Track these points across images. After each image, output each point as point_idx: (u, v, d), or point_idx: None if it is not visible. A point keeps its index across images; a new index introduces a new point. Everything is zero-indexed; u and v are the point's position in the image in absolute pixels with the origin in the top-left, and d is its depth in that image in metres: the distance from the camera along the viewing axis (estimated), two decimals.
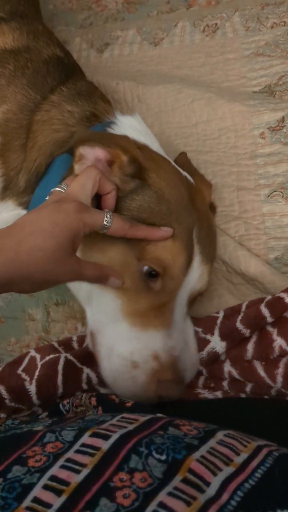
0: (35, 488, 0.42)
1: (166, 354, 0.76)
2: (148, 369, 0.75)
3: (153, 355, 0.76)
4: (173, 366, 0.76)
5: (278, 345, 0.82)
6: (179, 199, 0.82)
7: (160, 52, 1.33)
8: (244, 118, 1.14)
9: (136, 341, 0.76)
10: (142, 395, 0.75)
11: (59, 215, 0.67)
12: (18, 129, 0.91)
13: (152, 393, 0.74)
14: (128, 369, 0.75)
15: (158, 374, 0.75)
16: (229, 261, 1.00)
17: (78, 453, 0.46)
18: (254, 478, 0.43)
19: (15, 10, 1.07)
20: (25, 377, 0.85)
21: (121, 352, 0.76)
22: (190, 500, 0.40)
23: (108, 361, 0.78)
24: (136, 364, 0.75)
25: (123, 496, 0.40)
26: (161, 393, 0.75)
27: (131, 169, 0.79)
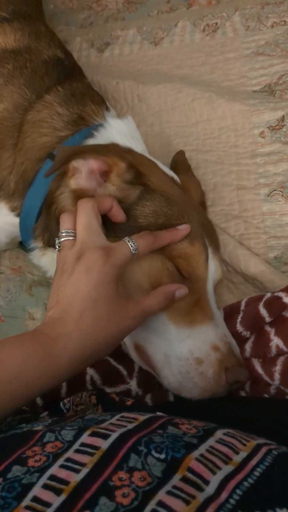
0: (35, 488, 0.42)
1: (223, 343, 0.77)
2: (213, 361, 0.75)
3: (212, 347, 0.76)
4: (232, 351, 0.77)
5: (275, 345, 0.82)
6: (182, 198, 0.82)
7: (160, 51, 1.33)
8: (244, 117, 1.14)
9: (189, 339, 0.76)
10: (215, 388, 0.75)
11: (93, 275, 0.67)
12: (12, 127, 0.91)
13: (224, 382, 0.75)
14: (194, 367, 0.75)
15: (223, 363, 0.75)
16: (229, 260, 1.00)
17: (78, 452, 0.46)
18: (253, 477, 0.43)
19: (18, 11, 1.07)
20: None
21: (180, 353, 0.76)
22: (189, 498, 0.40)
23: (168, 368, 0.77)
24: (200, 360, 0.75)
25: (122, 495, 0.41)
26: (232, 379, 0.75)
27: (130, 175, 0.78)
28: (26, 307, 1.07)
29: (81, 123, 0.92)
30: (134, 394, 0.85)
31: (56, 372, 0.63)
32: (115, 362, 0.85)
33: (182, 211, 0.80)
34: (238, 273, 1.00)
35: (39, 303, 1.07)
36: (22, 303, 1.08)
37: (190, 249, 0.77)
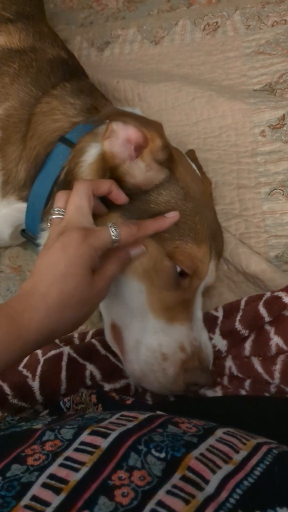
0: (34, 487, 0.42)
1: (190, 345, 0.78)
2: (176, 360, 0.76)
3: (180, 347, 0.77)
4: (197, 355, 0.78)
5: (275, 343, 0.82)
6: (202, 196, 0.83)
7: (160, 50, 1.33)
8: (244, 116, 1.14)
9: (162, 334, 0.77)
10: (171, 386, 0.77)
11: (68, 252, 0.67)
12: (19, 123, 0.91)
13: (181, 382, 0.76)
14: (158, 361, 0.76)
15: (185, 364, 0.77)
16: (230, 258, 1.00)
17: (77, 451, 0.46)
18: (253, 476, 0.43)
19: (22, 11, 1.08)
20: (26, 374, 0.85)
21: (150, 344, 0.77)
22: (189, 498, 0.40)
23: (135, 354, 0.78)
24: (165, 356, 0.76)
25: (122, 494, 0.40)
26: (189, 381, 0.76)
27: (163, 155, 0.77)
28: None
29: (94, 112, 0.93)
30: (133, 389, 0.85)
31: (22, 344, 0.63)
32: (115, 358, 0.85)
33: (196, 210, 0.80)
34: (239, 271, 1.00)
35: None
36: None
37: (196, 251, 0.78)
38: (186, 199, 0.79)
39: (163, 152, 0.77)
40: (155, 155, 0.77)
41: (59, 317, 0.66)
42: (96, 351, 0.86)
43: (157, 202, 0.78)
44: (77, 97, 0.94)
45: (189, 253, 0.77)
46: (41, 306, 0.65)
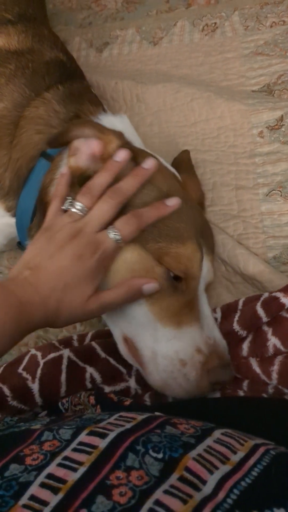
0: (32, 486, 0.42)
1: (205, 345, 0.78)
2: (196, 364, 0.76)
3: (196, 349, 0.77)
4: (215, 353, 0.78)
5: (272, 344, 0.82)
6: (176, 192, 0.82)
7: (159, 51, 1.33)
8: (243, 117, 1.14)
9: (175, 340, 0.77)
10: (196, 389, 0.77)
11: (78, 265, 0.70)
12: (10, 125, 0.92)
13: (206, 384, 0.76)
14: (178, 368, 0.76)
15: (205, 365, 0.76)
16: (228, 259, 1.00)
17: (75, 451, 0.46)
18: (250, 477, 0.43)
19: (24, 13, 1.08)
20: (26, 376, 0.84)
21: (166, 353, 0.77)
22: (186, 498, 0.40)
23: (154, 365, 0.78)
24: (184, 362, 0.76)
25: (119, 494, 0.41)
26: (212, 380, 0.76)
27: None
28: None
29: None
30: (133, 392, 0.85)
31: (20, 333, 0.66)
32: (114, 361, 0.85)
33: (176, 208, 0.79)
34: (237, 272, 1.00)
35: None
36: None
37: (182, 250, 0.77)
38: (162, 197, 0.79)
39: None
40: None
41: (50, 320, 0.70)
42: (96, 354, 0.86)
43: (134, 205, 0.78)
44: (63, 104, 0.94)
45: (174, 252, 0.76)
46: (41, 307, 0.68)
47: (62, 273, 0.69)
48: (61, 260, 0.70)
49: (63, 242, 0.71)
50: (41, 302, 0.68)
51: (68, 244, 0.71)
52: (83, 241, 0.71)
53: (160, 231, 0.77)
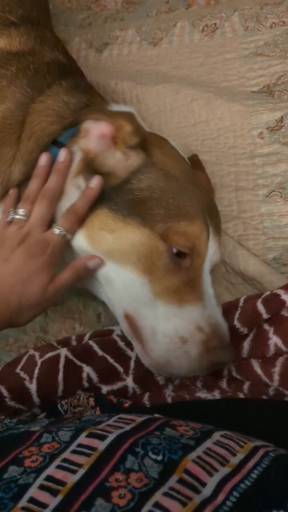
0: (31, 488, 0.42)
1: (207, 324, 0.78)
2: (197, 341, 0.77)
3: (197, 327, 0.77)
4: (216, 333, 0.78)
5: (273, 343, 0.82)
6: (185, 174, 0.83)
7: (159, 52, 1.33)
8: (243, 118, 1.14)
9: (175, 318, 0.78)
10: (197, 367, 0.78)
11: (32, 262, 0.79)
12: (14, 124, 0.91)
13: (206, 362, 0.77)
14: (178, 345, 0.77)
15: (206, 344, 0.77)
16: (228, 260, 1.00)
17: (75, 453, 0.46)
18: (250, 479, 0.43)
19: (27, 15, 1.08)
20: (24, 376, 0.85)
21: (166, 330, 0.78)
22: (186, 500, 0.40)
23: (154, 343, 0.78)
24: (184, 339, 0.77)
25: (118, 496, 0.40)
26: (213, 360, 0.77)
27: (136, 140, 0.80)
28: None
29: None
30: (131, 391, 0.85)
31: None
32: (112, 359, 0.85)
33: (181, 187, 0.81)
34: (237, 273, 1.00)
35: None
36: None
37: (190, 228, 0.79)
38: (168, 180, 0.80)
39: (134, 136, 0.80)
40: (127, 141, 0.80)
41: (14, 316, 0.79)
42: (93, 352, 0.86)
43: (140, 188, 0.80)
44: (72, 95, 0.95)
45: (183, 231, 0.78)
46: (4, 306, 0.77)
47: (18, 272, 0.78)
48: (15, 262, 0.79)
49: (14, 247, 0.80)
50: (3, 301, 0.77)
51: (19, 247, 0.80)
52: (32, 242, 0.80)
53: (169, 212, 0.78)
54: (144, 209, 0.79)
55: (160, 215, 0.78)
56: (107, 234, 0.80)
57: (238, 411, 0.72)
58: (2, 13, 1.04)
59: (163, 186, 0.80)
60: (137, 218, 0.78)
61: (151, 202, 0.79)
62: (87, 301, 1.06)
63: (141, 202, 0.79)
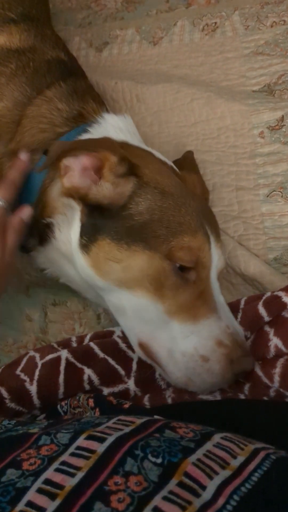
0: (29, 492, 0.42)
1: (226, 336, 0.77)
2: (219, 357, 0.76)
3: (217, 342, 0.77)
4: (236, 342, 0.77)
5: (274, 345, 0.81)
6: (178, 188, 0.82)
7: (159, 51, 1.33)
8: (243, 117, 1.14)
9: (193, 336, 0.77)
10: (221, 382, 0.77)
11: None
12: (11, 123, 0.91)
13: (230, 374, 0.76)
14: (199, 364, 0.76)
15: (229, 356, 0.76)
16: (229, 260, 0.99)
17: (73, 456, 0.46)
18: (250, 482, 0.43)
19: (27, 13, 1.08)
20: (24, 378, 0.84)
21: (185, 349, 0.77)
22: (185, 504, 0.39)
23: (174, 364, 0.78)
24: (205, 358, 0.76)
25: (118, 500, 0.40)
26: (238, 370, 0.76)
27: (123, 169, 0.78)
28: (23, 308, 1.07)
29: (80, 120, 0.93)
30: (132, 393, 0.85)
31: None
32: (113, 361, 0.85)
33: (179, 203, 0.79)
34: (238, 274, 0.99)
35: (37, 304, 1.07)
36: (19, 304, 1.08)
37: (193, 242, 0.78)
38: (164, 196, 0.79)
39: (121, 165, 0.78)
40: (115, 171, 0.78)
41: None
42: (94, 354, 0.85)
43: (139, 212, 0.78)
44: (66, 102, 0.94)
45: (187, 246, 0.77)
46: None
47: None
48: None
49: None
50: None
51: None
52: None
53: (171, 230, 0.77)
54: (147, 233, 0.77)
55: (164, 236, 0.77)
56: (115, 264, 0.78)
57: (239, 412, 0.71)
58: (2, 10, 1.05)
59: (161, 206, 0.78)
60: (141, 244, 0.77)
61: (153, 224, 0.77)
62: (87, 301, 1.05)
63: (143, 227, 0.78)
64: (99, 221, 0.80)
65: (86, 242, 0.81)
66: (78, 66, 1.10)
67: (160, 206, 0.78)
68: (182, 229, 0.78)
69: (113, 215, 0.79)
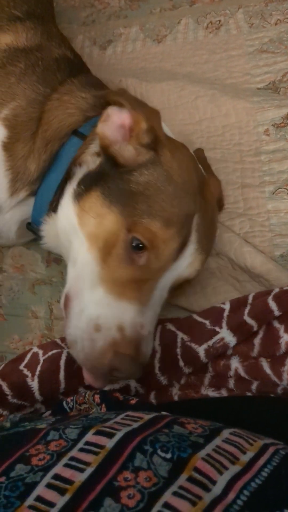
0: (38, 487, 0.41)
1: (132, 329, 0.74)
2: (108, 337, 0.73)
3: (119, 325, 0.74)
4: (135, 343, 0.74)
5: (285, 342, 0.81)
6: (187, 183, 0.82)
7: (163, 49, 1.33)
8: (248, 115, 1.14)
9: (107, 307, 0.75)
10: (96, 360, 0.73)
11: None
12: (28, 121, 0.91)
13: (107, 361, 0.72)
14: (90, 330, 0.74)
15: (117, 346, 0.73)
16: (235, 257, 0.99)
17: (82, 451, 0.45)
18: (260, 477, 0.42)
19: (32, 11, 1.08)
20: (26, 373, 0.84)
21: (90, 313, 0.75)
22: (196, 499, 0.39)
23: (75, 320, 0.76)
24: (98, 328, 0.74)
25: (127, 496, 0.40)
26: (115, 364, 0.72)
27: (147, 139, 0.80)
28: (29, 305, 1.07)
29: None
30: (133, 390, 0.85)
31: None
32: None
33: (176, 195, 0.79)
34: (244, 271, 0.99)
35: (42, 301, 1.07)
36: (25, 301, 1.08)
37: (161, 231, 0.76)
38: (167, 182, 0.79)
39: (147, 135, 0.80)
40: (140, 137, 0.80)
41: None
42: None
43: (138, 181, 0.79)
44: (88, 91, 0.95)
45: (154, 231, 0.76)
46: None
47: None
48: None
49: None
50: None
51: None
52: None
53: (151, 210, 0.77)
54: (130, 201, 0.78)
55: (141, 210, 0.77)
56: (91, 218, 0.80)
57: (247, 408, 0.71)
58: (7, 8, 1.04)
59: (159, 187, 0.79)
60: (120, 207, 0.78)
61: (140, 197, 0.78)
62: None
63: (131, 195, 0.78)
64: (105, 172, 0.82)
65: (81, 191, 0.83)
66: (84, 63, 1.10)
67: (158, 187, 0.79)
68: (160, 215, 0.77)
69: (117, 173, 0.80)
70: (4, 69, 0.94)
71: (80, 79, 0.97)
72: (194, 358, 0.84)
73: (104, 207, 0.79)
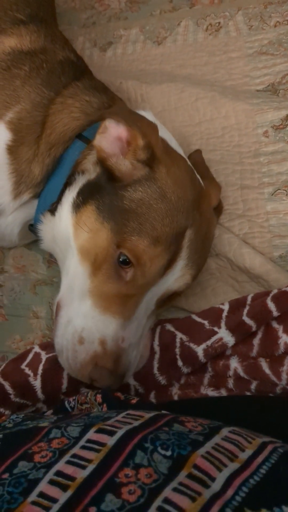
0: (41, 483, 0.42)
1: (113, 343, 0.77)
2: (90, 350, 0.77)
3: (101, 339, 0.77)
4: (115, 356, 0.77)
5: (284, 342, 0.82)
6: (181, 200, 0.82)
7: (163, 51, 1.33)
8: (247, 116, 1.14)
9: (91, 320, 0.78)
10: (77, 371, 0.78)
11: None
12: (32, 125, 0.92)
13: (86, 373, 0.77)
14: (74, 342, 0.78)
15: (98, 359, 0.76)
16: (234, 258, 1.00)
17: (84, 448, 0.46)
18: (259, 474, 0.43)
19: (35, 14, 1.08)
20: (28, 372, 0.85)
21: (76, 324, 0.79)
22: (195, 495, 0.40)
23: (62, 330, 0.80)
24: (82, 341, 0.77)
25: (128, 492, 0.41)
26: (94, 376, 0.76)
27: (143, 156, 0.80)
28: (30, 306, 1.08)
29: None
30: (133, 389, 0.86)
31: None
32: None
33: (168, 213, 0.79)
34: (243, 271, 1.00)
35: (43, 302, 1.07)
36: (26, 302, 1.08)
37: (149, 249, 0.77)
38: (161, 200, 0.79)
39: (144, 152, 0.80)
40: (136, 154, 0.80)
41: None
42: None
43: (131, 198, 0.80)
44: (92, 95, 0.96)
45: (141, 249, 0.77)
46: None
47: None
48: None
49: None
50: None
51: None
52: None
53: (141, 228, 0.78)
54: (122, 218, 0.78)
55: (132, 228, 0.78)
56: (84, 232, 0.81)
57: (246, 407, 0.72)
58: (10, 11, 1.04)
59: (151, 205, 0.79)
60: (112, 224, 0.79)
61: (132, 214, 0.78)
62: None
63: (124, 212, 0.79)
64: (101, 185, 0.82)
65: (80, 203, 0.84)
66: (86, 66, 1.11)
67: (150, 205, 0.79)
68: (149, 233, 0.77)
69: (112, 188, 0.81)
70: (9, 72, 0.94)
71: (84, 82, 0.98)
72: (193, 358, 0.84)
73: (97, 223, 0.80)
